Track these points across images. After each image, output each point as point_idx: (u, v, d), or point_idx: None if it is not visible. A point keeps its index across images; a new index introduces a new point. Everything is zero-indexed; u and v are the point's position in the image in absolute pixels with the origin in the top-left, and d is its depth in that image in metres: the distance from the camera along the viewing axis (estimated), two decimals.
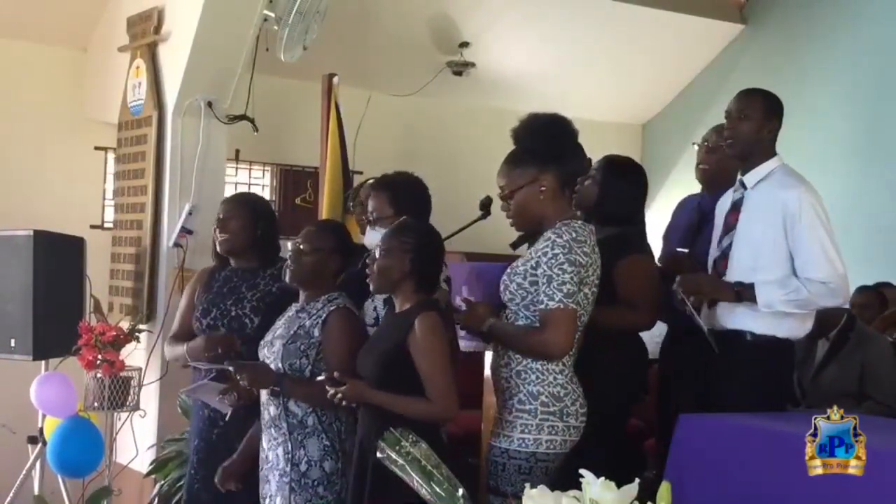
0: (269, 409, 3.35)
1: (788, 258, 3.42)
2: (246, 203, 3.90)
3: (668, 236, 4.22)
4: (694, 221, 4.05)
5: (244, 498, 3.54)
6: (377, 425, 2.97)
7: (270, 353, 3.36)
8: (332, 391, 3.07)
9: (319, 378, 3.17)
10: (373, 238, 3.55)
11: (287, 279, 3.40)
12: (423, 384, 3.01)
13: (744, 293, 3.44)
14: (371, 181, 4.28)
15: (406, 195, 3.62)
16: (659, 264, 3.93)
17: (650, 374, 4.16)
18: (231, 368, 3.30)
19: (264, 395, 3.36)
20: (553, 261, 3.00)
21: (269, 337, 3.42)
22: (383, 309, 3.47)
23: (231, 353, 3.55)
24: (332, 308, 3.33)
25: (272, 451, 3.33)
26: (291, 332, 3.34)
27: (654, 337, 4.13)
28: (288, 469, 3.27)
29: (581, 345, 3.17)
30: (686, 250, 3.90)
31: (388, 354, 3.07)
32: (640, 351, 3.91)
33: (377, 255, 3.14)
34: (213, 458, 3.70)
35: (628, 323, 3.68)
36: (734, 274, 3.50)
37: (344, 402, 3.09)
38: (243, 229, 3.81)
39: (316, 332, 3.30)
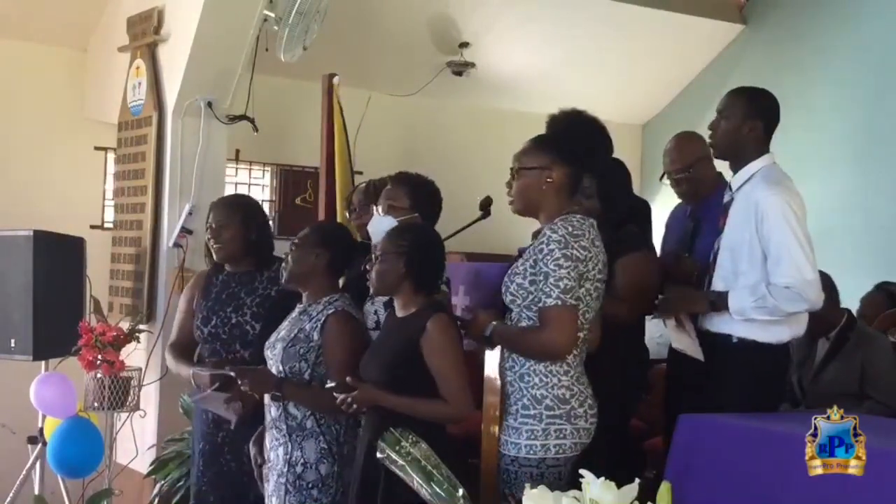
0: (270, 409, 3.37)
1: (764, 262, 3.36)
2: (237, 208, 3.85)
3: (664, 247, 4.21)
4: (689, 229, 4.05)
5: (251, 498, 3.55)
6: (386, 428, 2.95)
7: (273, 354, 3.37)
8: (340, 397, 3.05)
9: (328, 385, 3.15)
10: (380, 224, 3.54)
11: (282, 281, 3.44)
12: (435, 385, 3.00)
13: (717, 303, 3.41)
14: (363, 185, 4.28)
15: (423, 194, 3.62)
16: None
17: (653, 373, 4.16)
18: (233, 374, 3.31)
19: (266, 396, 3.37)
20: (549, 257, 2.95)
21: (273, 338, 3.42)
22: (384, 312, 3.45)
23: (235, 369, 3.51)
24: (329, 311, 3.32)
25: (273, 452, 3.35)
26: (292, 334, 3.34)
27: (654, 338, 4.13)
28: (285, 470, 3.28)
29: (597, 343, 3.15)
30: (686, 255, 3.90)
31: (397, 357, 3.05)
32: (639, 350, 3.90)
33: (375, 258, 3.15)
34: (218, 459, 3.71)
35: (611, 313, 3.53)
36: (719, 279, 3.48)
37: (354, 407, 3.06)
38: (237, 237, 3.78)
39: (315, 336, 3.30)
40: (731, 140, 3.50)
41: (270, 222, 3.99)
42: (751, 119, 3.49)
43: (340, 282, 3.53)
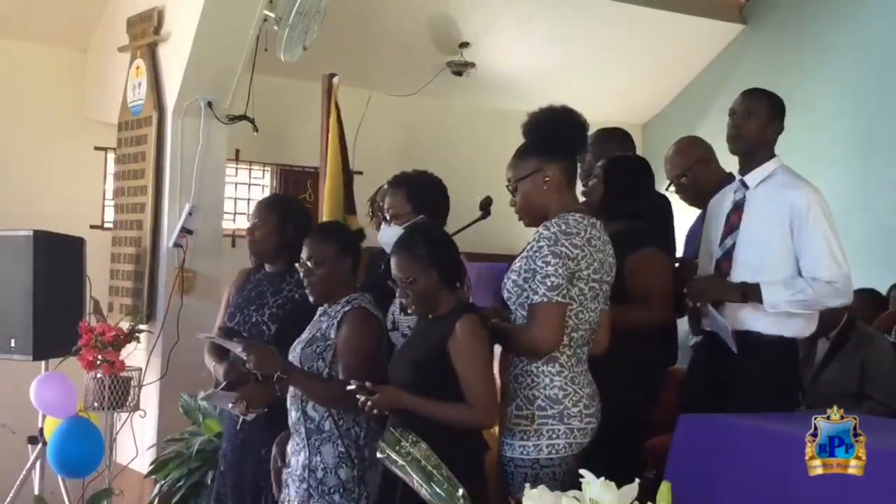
0: (291, 413, 3.32)
1: (794, 258, 3.42)
2: (273, 208, 3.85)
3: (687, 244, 4.24)
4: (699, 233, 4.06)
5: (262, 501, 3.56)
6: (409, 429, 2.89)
7: (293, 357, 3.33)
8: (361, 399, 2.95)
9: (349, 388, 3.00)
10: (387, 235, 3.51)
11: (311, 300, 3.36)
12: (461, 388, 2.91)
13: (749, 293, 3.43)
14: (386, 186, 4.28)
15: (423, 193, 3.60)
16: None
17: (669, 374, 4.12)
18: (240, 350, 3.25)
19: (288, 399, 3.33)
20: (538, 254, 2.94)
21: (296, 342, 3.39)
22: (400, 313, 3.43)
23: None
24: (347, 308, 3.28)
25: (294, 457, 3.31)
26: (310, 335, 3.32)
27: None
28: (306, 475, 3.23)
29: (604, 344, 3.16)
30: (694, 259, 3.91)
31: (424, 358, 2.97)
32: (657, 352, 3.85)
33: (403, 285, 3.02)
34: (239, 464, 3.71)
35: (643, 320, 3.60)
36: (739, 274, 3.49)
37: (375, 411, 2.98)
38: (270, 236, 3.78)
39: (332, 334, 3.26)
40: (757, 140, 3.55)
41: None
42: (774, 121, 3.56)
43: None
